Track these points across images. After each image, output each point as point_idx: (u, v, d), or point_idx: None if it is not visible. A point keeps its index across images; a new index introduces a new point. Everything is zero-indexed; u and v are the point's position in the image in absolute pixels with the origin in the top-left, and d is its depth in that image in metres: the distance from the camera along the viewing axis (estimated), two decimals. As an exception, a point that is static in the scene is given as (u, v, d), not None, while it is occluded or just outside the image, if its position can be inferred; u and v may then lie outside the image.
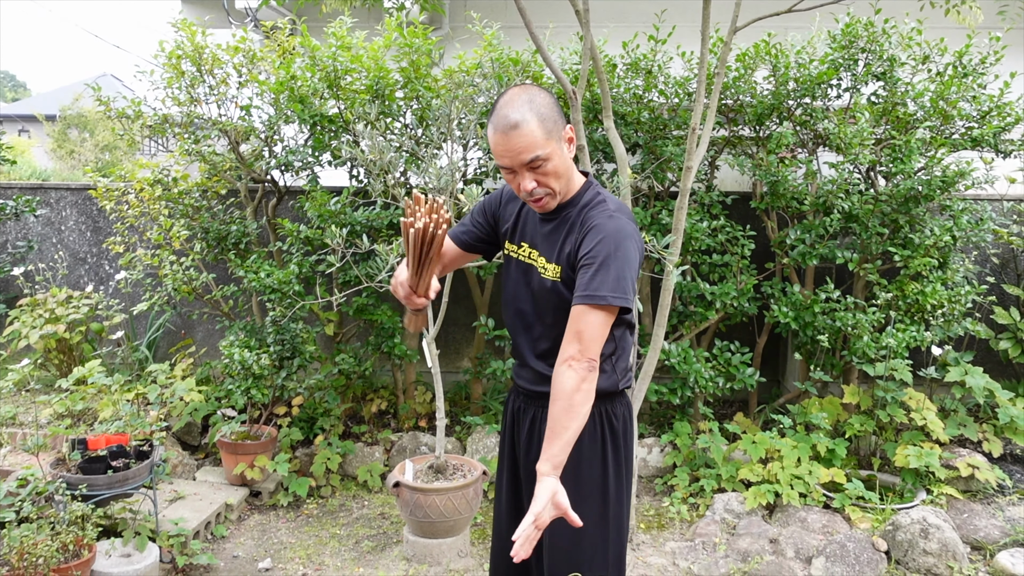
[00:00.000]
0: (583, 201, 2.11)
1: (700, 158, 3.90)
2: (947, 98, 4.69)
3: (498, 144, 1.98)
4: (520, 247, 2.24)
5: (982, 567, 3.87)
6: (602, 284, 1.92)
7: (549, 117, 1.99)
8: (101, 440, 3.71)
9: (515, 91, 2.01)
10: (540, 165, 1.99)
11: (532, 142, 1.96)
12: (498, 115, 1.98)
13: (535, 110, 1.97)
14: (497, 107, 2.00)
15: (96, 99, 5.20)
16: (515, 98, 1.99)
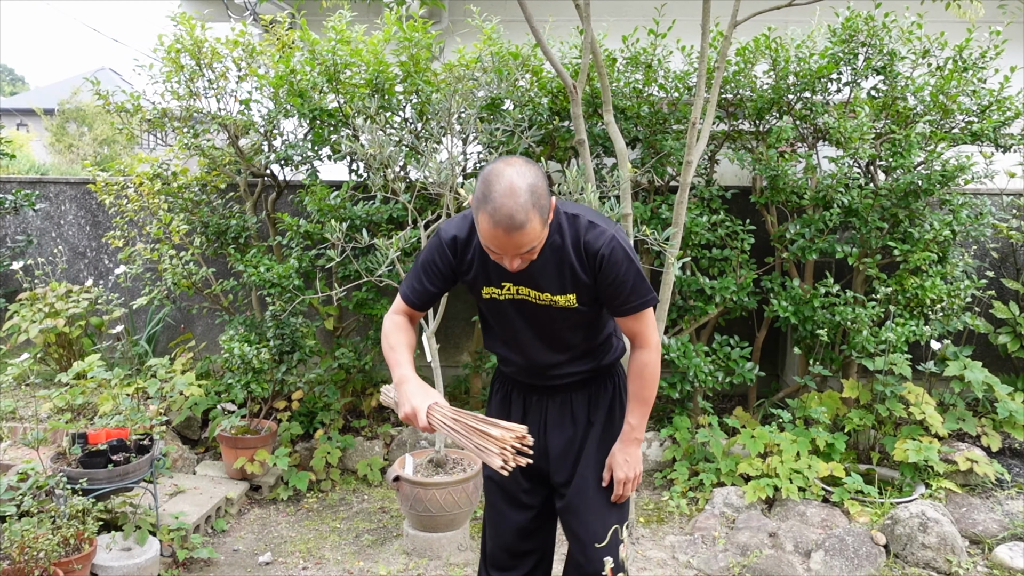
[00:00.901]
0: (564, 231, 2.12)
1: (700, 152, 3.90)
2: (947, 92, 4.69)
3: (495, 238, 1.90)
4: (503, 288, 2.19)
5: (980, 561, 3.88)
6: (640, 292, 2.16)
7: (545, 205, 1.94)
8: (101, 434, 3.71)
9: (512, 178, 1.88)
10: (532, 250, 1.99)
11: (532, 238, 1.93)
12: (498, 209, 1.86)
13: (536, 204, 1.89)
14: (494, 194, 1.87)
15: (95, 93, 5.19)
16: (515, 189, 1.86)
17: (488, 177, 1.90)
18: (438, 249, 2.18)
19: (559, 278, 2.14)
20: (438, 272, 2.21)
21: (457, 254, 2.17)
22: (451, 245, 2.16)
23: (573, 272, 2.13)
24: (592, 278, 2.14)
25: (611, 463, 2.34)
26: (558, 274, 2.14)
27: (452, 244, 2.16)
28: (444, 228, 2.18)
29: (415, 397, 2.07)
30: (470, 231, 2.15)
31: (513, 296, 2.20)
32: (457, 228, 2.16)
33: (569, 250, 2.12)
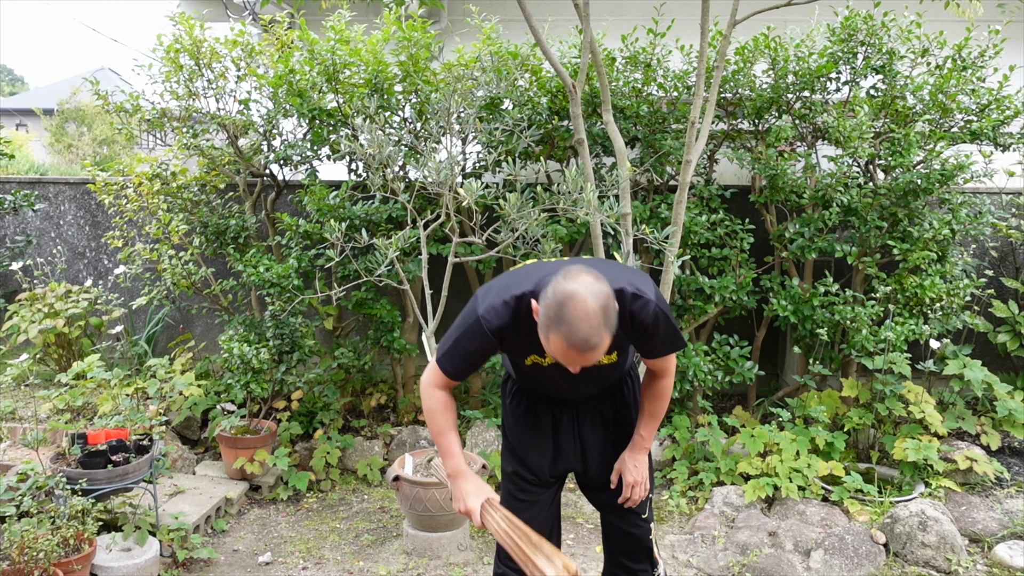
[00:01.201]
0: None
1: (699, 152, 3.90)
2: (946, 91, 4.69)
3: (568, 355, 1.94)
4: (545, 358, 2.25)
5: (980, 559, 3.88)
6: (673, 343, 2.29)
7: (614, 320, 1.96)
8: (101, 435, 3.71)
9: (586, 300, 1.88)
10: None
11: (603, 352, 1.96)
12: (573, 333, 1.89)
13: (608, 323, 1.92)
14: (568, 318, 1.88)
15: (94, 93, 5.19)
16: (590, 313, 1.88)
17: (560, 299, 1.90)
18: (482, 338, 2.17)
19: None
20: (482, 354, 2.25)
21: (503, 341, 2.20)
22: (496, 335, 2.16)
23: (618, 338, 2.16)
24: (634, 339, 2.25)
25: (620, 468, 2.50)
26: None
27: (498, 334, 2.16)
28: (486, 317, 2.14)
29: (470, 498, 2.29)
30: (513, 319, 2.14)
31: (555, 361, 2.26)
32: (500, 318, 2.14)
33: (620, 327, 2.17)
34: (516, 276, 2.21)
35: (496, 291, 2.18)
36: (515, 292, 2.13)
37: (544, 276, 2.06)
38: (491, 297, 2.17)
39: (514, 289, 2.14)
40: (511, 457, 2.58)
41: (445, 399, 2.34)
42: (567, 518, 4.34)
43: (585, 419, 2.52)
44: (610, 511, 2.63)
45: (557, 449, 2.52)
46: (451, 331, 2.25)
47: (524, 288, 2.13)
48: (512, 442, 2.57)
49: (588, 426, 2.53)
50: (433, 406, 2.33)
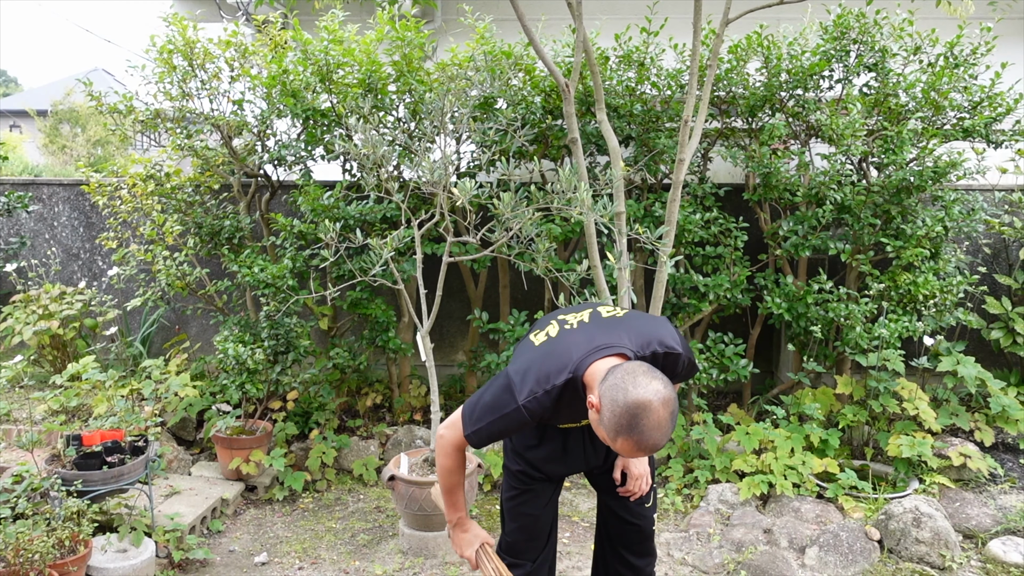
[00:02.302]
0: None
1: (693, 150, 3.91)
2: (938, 89, 4.70)
3: (634, 455, 1.97)
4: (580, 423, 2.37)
5: (974, 555, 3.90)
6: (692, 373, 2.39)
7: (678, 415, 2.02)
8: (96, 436, 3.71)
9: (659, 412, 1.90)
10: None
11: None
12: (646, 441, 1.91)
13: (675, 423, 1.96)
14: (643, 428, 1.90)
15: (87, 94, 5.19)
16: (663, 424, 1.91)
17: (634, 410, 1.90)
18: (520, 423, 2.16)
19: None
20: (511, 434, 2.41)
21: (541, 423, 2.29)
22: (538, 419, 2.16)
23: None
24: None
25: (622, 463, 2.61)
26: None
27: (539, 418, 2.16)
28: (529, 407, 2.12)
29: (467, 548, 2.50)
30: (554, 407, 2.13)
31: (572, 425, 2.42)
32: (543, 409, 2.12)
33: None
34: (550, 361, 2.15)
35: (535, 377, 2.13)
36: (556, 381, 2.10)
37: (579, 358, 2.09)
38: (530, 384, 2.12)
39: (555, 378, 2.11)
40: (516, 457, 2.59)
41: (461, 460, 2.41)
42: (563, 516, 4.35)
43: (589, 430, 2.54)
44: (614, 498, 2.67)
45: (566, 452, 2.55)
46: (484, 406, 2.22)
47: (565, 375, 2.10)
48: (516, 445, 2.59)
49: (590, 445, 2.58)
50: (450, 466, 2.40)
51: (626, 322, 2.23)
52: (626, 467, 2.59)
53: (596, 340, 2.12)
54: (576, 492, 4.72)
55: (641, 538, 2.71)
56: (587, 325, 2.21)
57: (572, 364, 2.10)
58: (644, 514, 2.68)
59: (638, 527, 2.69)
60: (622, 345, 2.12)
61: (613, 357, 2.08)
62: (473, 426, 2.24)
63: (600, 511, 2.79)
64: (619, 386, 1.92)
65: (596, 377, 2.02)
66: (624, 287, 3.75)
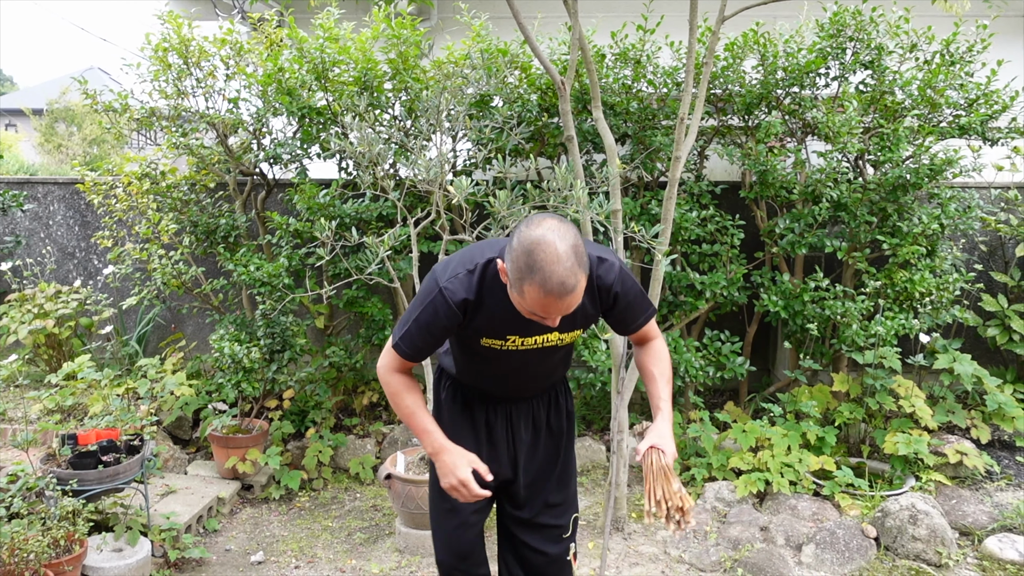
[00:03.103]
0: None
1: (689, 148, 3.90)
2: (935, 86, 4.70)
3: (546, 306, 1.86)
4: (507, 340, 2.17)
5: (970, 552, 3.90)
6: (645, 310, 2.26)
7: (585, 260, 1.89)
8: (91, 435, 3.70)
9: (555, 243, 1.82)
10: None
11: (580, 296, 1.89)
12: (549, 279, 1.81)
13: (581, 263, 1.85)
14: (541, 265, 1.81)
15: (83, 92, 5.17)
16: (561, 256, 1.81)
17: (529, 247, 1.83)
18: (446, 312, 2.06)
19: (571, 319, 2.14)
20: (444, 331, 2.13)
21: (467, 314, 2.09)
22: (461, 307, 2.06)
23: (584, 310, 2.14)
24: (604, 310, 2.21)
25: (659, 444, 2.18)
26: (571, 316, 2.11)
27: (463, 306, 2.06)
28: (450, 289, 2.05)
29: (459, 469, 2.16)
30: (478, 289, 2.06)
31: (517, 347, 2.19)
32: (466, 290, 2.05)
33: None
34: (476, 247, 2.13)
35: (457, 262, 2.09)
36: (479, 260, 2.06)
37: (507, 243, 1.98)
38: (452, 267, 2.08)
39: (477, 258, 2.07)
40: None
41: (407, 381, 2.24)
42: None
43: (519, 422, 2.44)
44: (527, 529, 2.48)
45: (492, 447, 2.43)
46: (409, 310, 2.14)
47: (487, 255, 2.06)
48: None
49: (522, 429, 2.44)
50: (396, 389, 2.22)
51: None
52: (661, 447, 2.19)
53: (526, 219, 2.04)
54: (573, 490, 4.71)
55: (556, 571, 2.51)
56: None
57: (498, 248, 2.05)
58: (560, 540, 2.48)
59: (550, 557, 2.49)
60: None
61: None
62: (400, 331, 2.14)
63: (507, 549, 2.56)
64: (517, 234, 1.86)
65: None
66: (620, 285, 3.75)
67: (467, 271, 2.06)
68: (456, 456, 2.18)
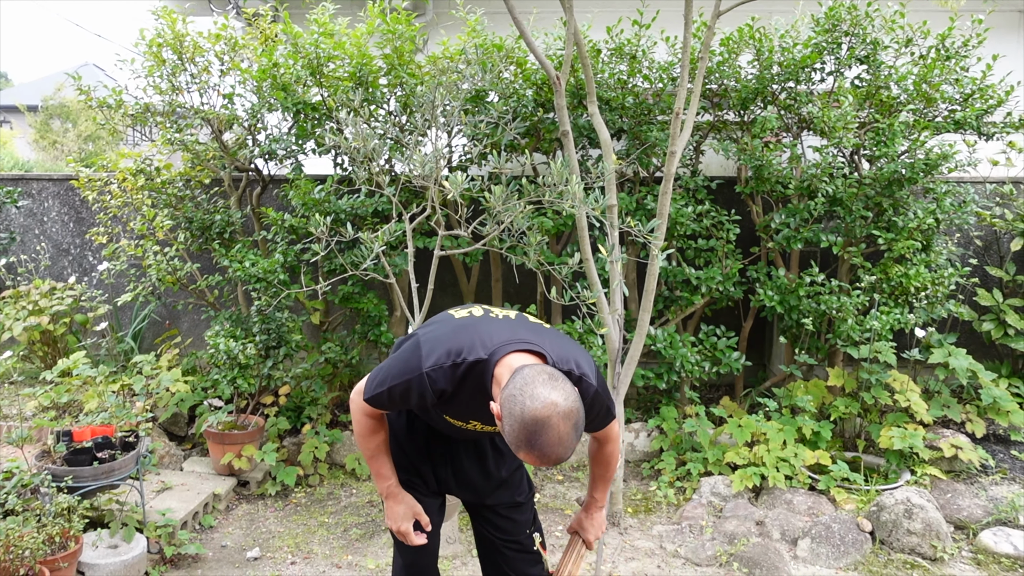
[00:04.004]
0: None
1: (684, 143, 3.90)
2: (930, 81, 4.70)
3: (538, 465, 1.85)
4: (469, 423, 2.18)
5: (965, 546, 3.91)
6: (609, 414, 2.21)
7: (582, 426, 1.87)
8: (86, 432, 3.69)
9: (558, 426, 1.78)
10: None
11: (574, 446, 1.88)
12: (547, 455, 1.80)
13: (579, 434, 1.84)
14: (541, 443, 1.79)
15: (77, 88, 5.15)
16: (563, 438, 1.79)
17: (531, 425, 1.78)
18: (421, 393, 2.03)
19: None
20: (413, 404, 2.12)
21: (440, 399, 2.07)
22: (438, 394, 2.04)
23: None
24: None
25: (579, 528, 2.54)
26: None
27: (439, 394, 2.04)
28: (432, 377, 2.01)
29: (402, 521, 2.31)
30: (458, 385, 2.03)
31: (476, 429, 2.21)
32: (447, 382, 2.02)
33: None
34: (466, 335, 2.05)
35: (444, 349, 2.03)
36: (467, 356, 2.00)
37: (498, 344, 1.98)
38: (438, 355, 2.02)
39: (466, 353, 2.00)
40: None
41: (375, 424, 2.27)
42: (555, 509, 4.35)
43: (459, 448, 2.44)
44: (492, 524, 2.52)
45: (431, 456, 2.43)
46: (388, 372, 2.11)
47: (477, 355, 1.99)
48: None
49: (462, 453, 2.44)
50: (363, 431, 2.27)
51: (551, 333, 2.14)
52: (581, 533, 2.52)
53: (519, 334, 2.02)
54: (568, 485, 4.72)
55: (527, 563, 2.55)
56: (512, 321, 2.12)
57: (490, 346, 1.99)
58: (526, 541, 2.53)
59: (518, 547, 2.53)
60: (542, 347, 2.00)
61: (530, 355, 1.97)
62: (374, 390, 2.13)
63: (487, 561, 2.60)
64: (517, 397, 1.80)
65: (505, 374, 1.90)
66: (616, 280, 3.75)
67: (453, 363, 2.01)
68: (402, 506, 2.32)
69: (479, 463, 2.44)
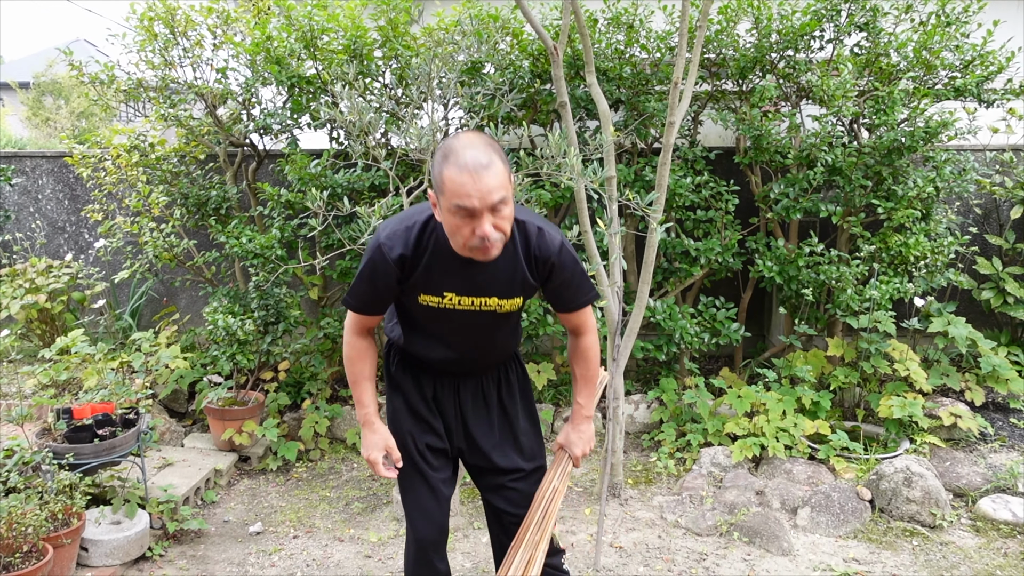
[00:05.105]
0: (515, 237, 2.16)
1: (683, 113, 3.87)
2: (930, 48, 4.66)
3: (465, 184, 1.90)
4: (443, 297, 2.19)
5: (964, 513, 3.93)
6: (585, 290, 2.30)
7: (505, 158, 2.00)
8: (86, 409, 3.69)
9: (470, 135, 1.98)
10: (502, 208, 1.97)
11: (502, 182, 1.94)
12: (462, 156, 1.92)
13: (498, 153, 1.96)
14: (455, 149, 1.94)
15: (69, 64, 5.10)
16: (475, 140, 1.95)
17: (445, 144, 1.98)
18: (384, 267, 2.13)
19: (509, 284, 2.20)
20: (385, 286, 2.19)
21: (404, 269, 2.15)
22: (398, 262, 2.12)
23: (524, 277, 2.20)
24: (541, 281, 2.24)
25: (565, 443, 2.50)
26: (509, 280, 2.19)
27: (399, 261, 2.12)
28: (387, 244, 2.12)
29: (372, 450, 2.33)
30: (416, 245, 2.12)
31: (455, 306, 2.20)
32: (403, 245, 2.11)
33: (520, 253, 2.17)
34: (419, 206, 2.21)
35: (397, 220, 2.17)
36: (417, 218, 2.14)
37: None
38: (392, 225, 2.16)
39: (416, 215, 2.15)
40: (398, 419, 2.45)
41: (361, 347, 2.33)
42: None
43: (467, 396, 2.43)
44: (498, 494, 2.49)
45: (440, 417, 2.43)
46: (359, 269, 2.22)
47: (427, 214, 2.14)
48: (395, 406, 2.46)
49: (470, 404, 2.43)
50: (349, 354, 2.34)
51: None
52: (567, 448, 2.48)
53: None
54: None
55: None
56: None
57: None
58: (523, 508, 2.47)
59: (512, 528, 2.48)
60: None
61: None
62: (350, 291, 2.25)
63: (487, 514, 2.59)
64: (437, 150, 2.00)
65: None
66: (615, 253, 3.73)
67: (405, 227, 2.13)
68: (377, 436, 2.34)
69: (485, 410, 2.44)
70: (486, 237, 1.96)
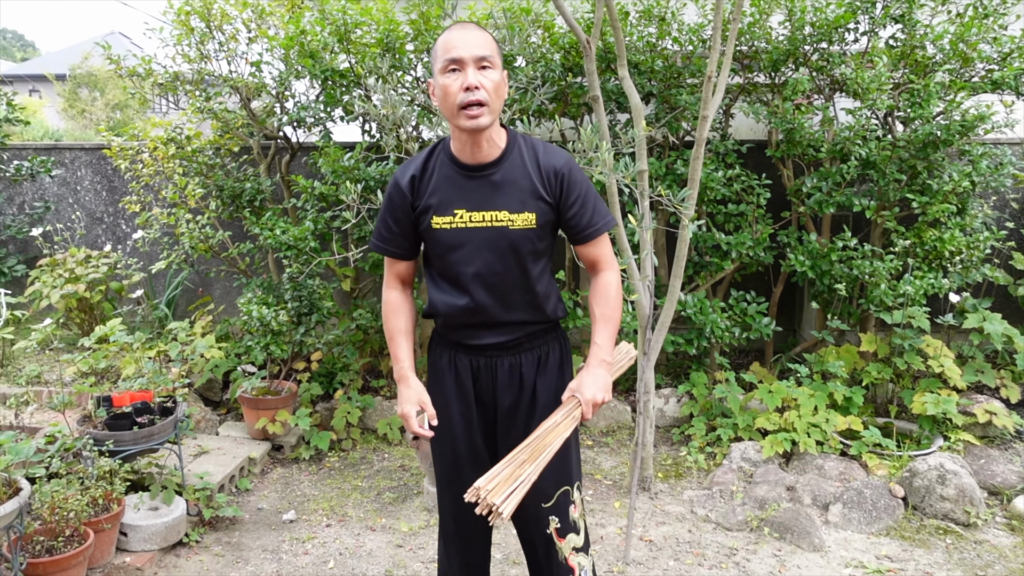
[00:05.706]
0: (519, 145, 2.21)
1: (716, 107, 3.85)
2: (967, 40, 4.60)
3: (453, 38, 2.07)
4: (455, 215, 2.17)
5: (999, 512, 3.90)
6: (601, 213, 2.24)
7: (497, 42, 2.14)
8: (126, 397, 3.77)
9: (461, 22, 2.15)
10: (488, 68, 2.07)
11: (487, 41, 2.08)
12: (453, 33, 2.09)
13: (487, 32, 2.12)
14: (447, 30, 2.12)
15: (106, 57, 5.18)
16: (467, 22, 2.15)
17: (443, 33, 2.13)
18: (397, 192, 2.23)
19: (519, 193, 2.17)
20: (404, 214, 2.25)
21: (415, 190, 2.22)
22: (409, 184, 2.22)
23: (533, 188, 2.17)
24: (554, 198, 2.19)
25: (577, 388, 2.19)
26: (518, 190, 2.17)
27: (410, 183, 2.22)
28: (399, 172, 2.25)
29: (405, 404, 2.26)
30: (424, 164, 2.23)
31: (466, 224, 2.17)
32: (413, 167, 2.24)
33: (528, 165, 2.18)
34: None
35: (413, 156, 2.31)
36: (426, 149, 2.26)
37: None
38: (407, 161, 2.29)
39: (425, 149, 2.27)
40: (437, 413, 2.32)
41: (397, 301, 2.38)
42: (585, 475, 4.39)
43: (502, 374, 2.29)
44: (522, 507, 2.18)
45: (479, 403, 2.33)
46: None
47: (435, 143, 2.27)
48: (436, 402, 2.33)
49: (504, 387, 2.30)
50: (385, 311, 2.40)
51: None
52: (579, 389, 2.19)
53: None
54: (598, 450, 4.75)
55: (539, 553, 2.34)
56: None
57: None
58: (539, 515, 2.29)
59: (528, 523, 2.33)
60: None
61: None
62: (373, 233, 2.33)
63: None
64: None
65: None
66: (646, 248, 3.74)
67: (415, 157, 2.27)
68: (411, 390, 2.28)
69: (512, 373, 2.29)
70: (472, 87, 2.04)
